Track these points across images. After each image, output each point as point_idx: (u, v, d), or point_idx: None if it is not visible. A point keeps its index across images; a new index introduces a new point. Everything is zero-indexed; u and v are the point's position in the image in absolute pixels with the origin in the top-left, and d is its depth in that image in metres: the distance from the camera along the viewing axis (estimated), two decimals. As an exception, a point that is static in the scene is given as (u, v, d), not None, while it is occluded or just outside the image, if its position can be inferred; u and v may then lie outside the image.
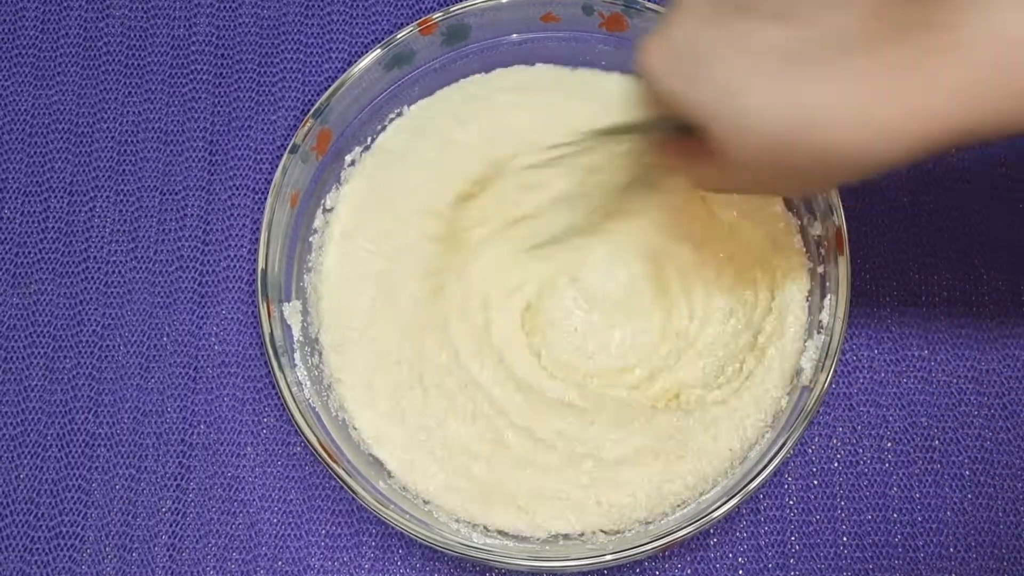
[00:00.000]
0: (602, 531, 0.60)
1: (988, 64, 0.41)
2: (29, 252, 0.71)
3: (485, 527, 0.61)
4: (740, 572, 0.64)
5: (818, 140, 0.43)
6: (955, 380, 0.67)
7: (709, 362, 0.64)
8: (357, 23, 0.74)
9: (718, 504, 0.56)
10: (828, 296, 0.60)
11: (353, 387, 0.64)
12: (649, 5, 0.63)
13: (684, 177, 0.55)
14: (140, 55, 0.74)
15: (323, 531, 0.66)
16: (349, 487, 0.57)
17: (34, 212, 0.71)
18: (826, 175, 0.47)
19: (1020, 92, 0.41)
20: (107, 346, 0.69)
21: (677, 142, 0.53)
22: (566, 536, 0.60)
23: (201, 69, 0.74)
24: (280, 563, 0.65)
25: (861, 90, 0.42)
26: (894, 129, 0.42)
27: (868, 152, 0.43)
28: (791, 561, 0.64)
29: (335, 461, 0.58)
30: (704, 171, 0.51)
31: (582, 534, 0.60)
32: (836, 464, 0.66)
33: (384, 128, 0.68)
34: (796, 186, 0.51)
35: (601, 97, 0.68)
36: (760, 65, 0.43)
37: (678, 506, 0.60)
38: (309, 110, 0.63)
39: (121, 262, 0.70)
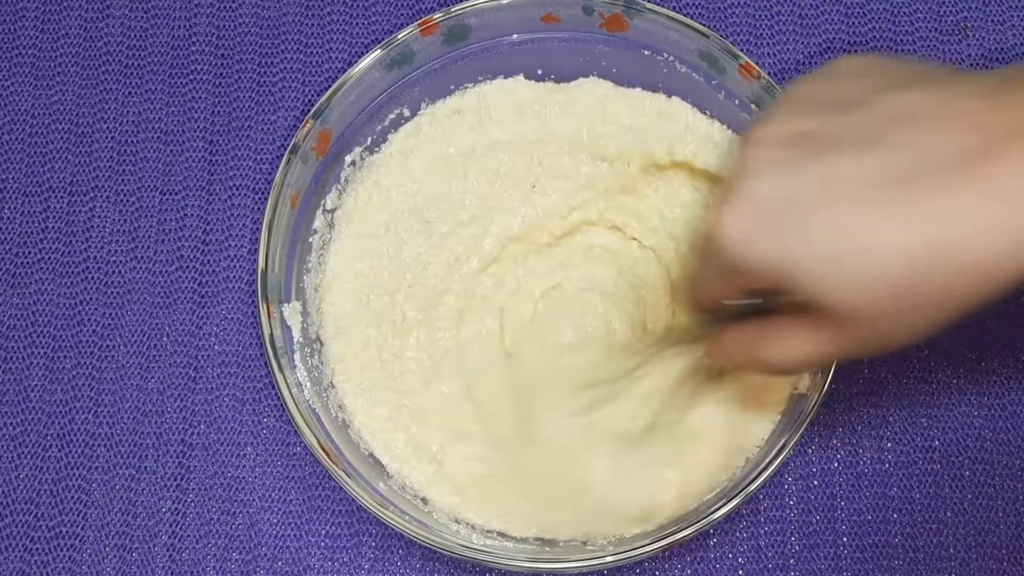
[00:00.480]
0: (601, 532, 0.60)
1: None
2: (29, 252, 0.71)
3: (485, 528, 0.61)
4: (740, 573, 0.64)
5: (955, 263, 0.38)
6: (956, 380, 0.67)
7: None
8: (357, 23, 0.74)
9: (718, 505, 0.56)
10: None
11: (353, 388, 0.64)
12: (649, 6, 0.63)
13: (757, 366, 0.48)
14: (140, 55, 0.74)
15: (323, 531, 0.66)
16: (348, 488, 0.57)
17: (34, 212, 0.71)
18: (962, 303, 0.41)
19: None
20: (107, 346, 0.69)
21: (741, 330, 0.48)
22: (566, 537, 0.60)
23: (201, 69, 0.74)
24: (280, 563, 0.65)
25: (994, 201, 0.38)
26: None
27: (1010, 259, 0.38)
28: (791, 562, 0.64)
29: (335, 462, 0.58)
30: (791, 348, 0.45)
31: (582, 536, 0.60)
32: (836, 464, 0.66)
33: (389, 129, 0.68)
34: (920, 330, 0.42)
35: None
36: (866, 199, 0.39)
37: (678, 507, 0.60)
38: (309, 110, 0.63)
39: (121, 262, 0.70)
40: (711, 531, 0.65)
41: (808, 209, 0.40)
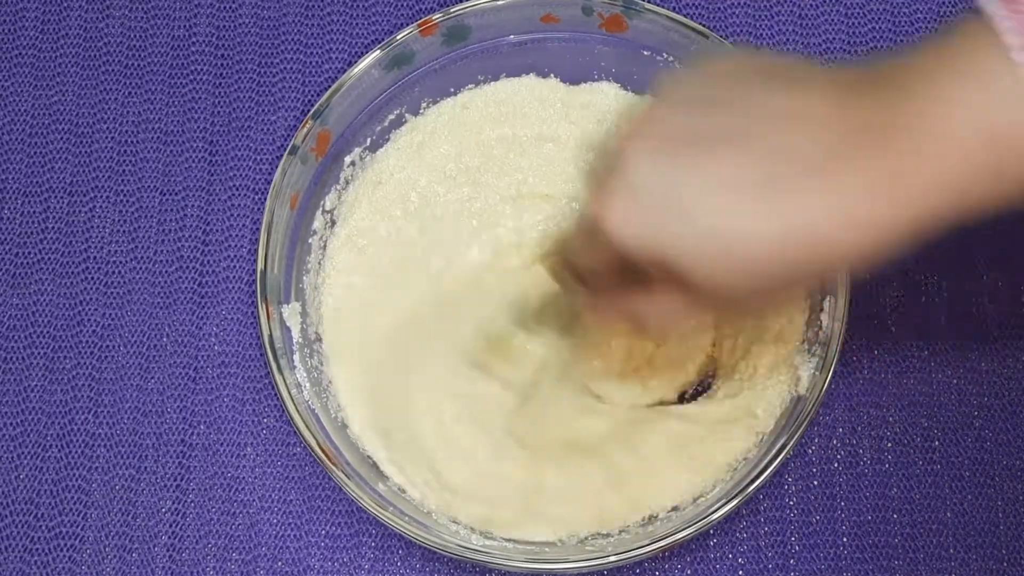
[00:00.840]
0: (601, 533, 0.60)
1: (973, 151, 0.41)
2: (29, 252, 0.71)
3: (484, 529, 0.61)
4: (740, 573, 0.64)
5: (810, 244, 0.43)
6: (955, 380, 0.67)
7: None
8: (357, 24, 0.74)
9: (718, 505, 0.56)
10: (828, 297, 0.60)
11: (352, 389, 0.64)
12: (648, 6, 0.63)
13: (629, 322, 0.53)
14: (140, 55, 0.74)
15: (323, 532, 0.66)
16: (348, 489, 0.57)
17: (34, 212, 0.71)
18: (810, 277, 0.49)
19: (994, 172, 0.41)
20: (107, 346, 0.69)
21: (612, 293, 0.53)
22: (565, 538, 0.60)
23: (201, 70, 0.74)
24: (279, 564, 0.65)
25: (842, 197, 0.42)
26: (881, 225, 0.42)
27: (858, 249, 0.43)
28: (791, 562, 0.64)
29: (334, 463, 0.58)
30: (659, 308, 0.50)
31: (582, 537, 0.60)
32: (836, 465, 0.66)
33: (388, 130, 0.68)
34: (774, 299, 0.52)
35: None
36: (737, 194, 0.43)
37: (677, 509, 0.60)
38: (309, 111, 0.63)
39: (121, 262, 0.70)
40: (711, 531, 0.65)
41: (686, 202, 0.44)
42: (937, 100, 0.41)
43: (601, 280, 0.53)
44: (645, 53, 0.65)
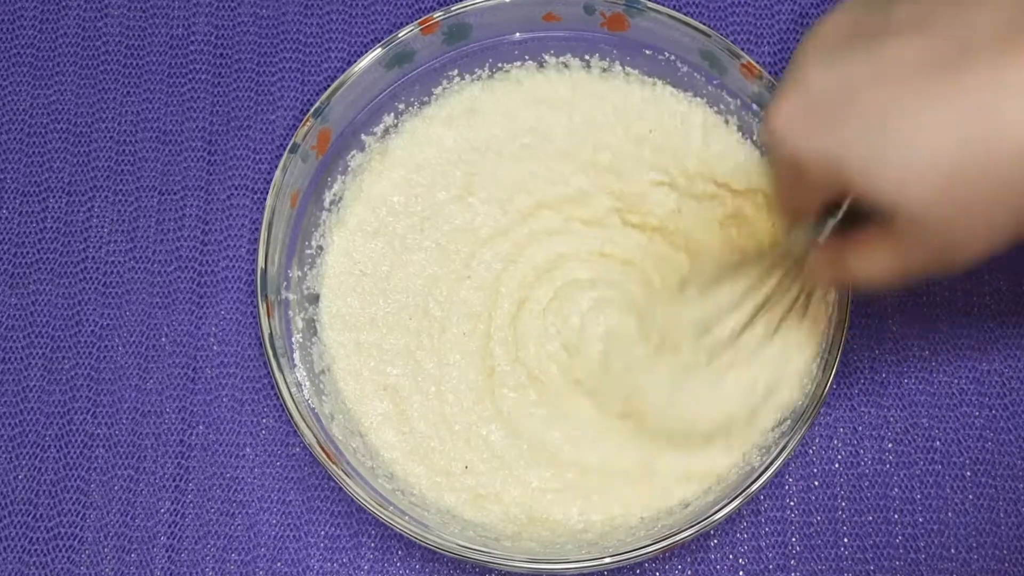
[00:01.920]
0: (601, 534, 0.60)
1: None
2: (27, 252, 0.71)
3: (484, 530, 0.61)
4: (741, 574, 0.64)
5: (1010, 145, 0.36)
6: (956, 381, 0.67)
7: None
8: (357, 22, 0.74)
9: (719, 506, 0.56)
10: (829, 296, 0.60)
11: (352, 388, 0.64)
12: (651, 5, 0.63)
13: (845, 280, 0.48)
14: (138, 55, 0.74)
15: (322, 532, 0.65)
16: (348, 488, 0.57)
17: (32, 212, 0.71)
18: (1018, 201, 0.38)
19: None
20: (105, 347, 0.69)
21: (830, 246, 0.47)
22: (565, 539, 0.60)
23: (200, 68, 0.73)
24: (279, 564, 0.65)
25: None
26: None
27: None
28: (792, 563, 0.64)
29: (334, 462, 0.57)
30: (872, 261, 0.44)
31: (582, 536, 0.60)
32: (837, 465, 0.66)
33: (389, 128, 0.68)
34: (990, 231, 0.39)
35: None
36: (912, 84, 0.38)
37: (678, 510, 0.60)
38: (309, 109, 0.63)
39: (120, 262, 0.70)
40: (712, 532, 0.65)
41: (855, 95, 0.39)
42: None
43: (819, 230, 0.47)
44: (647, 52, 0.65)
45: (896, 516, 0.65)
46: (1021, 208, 0.38)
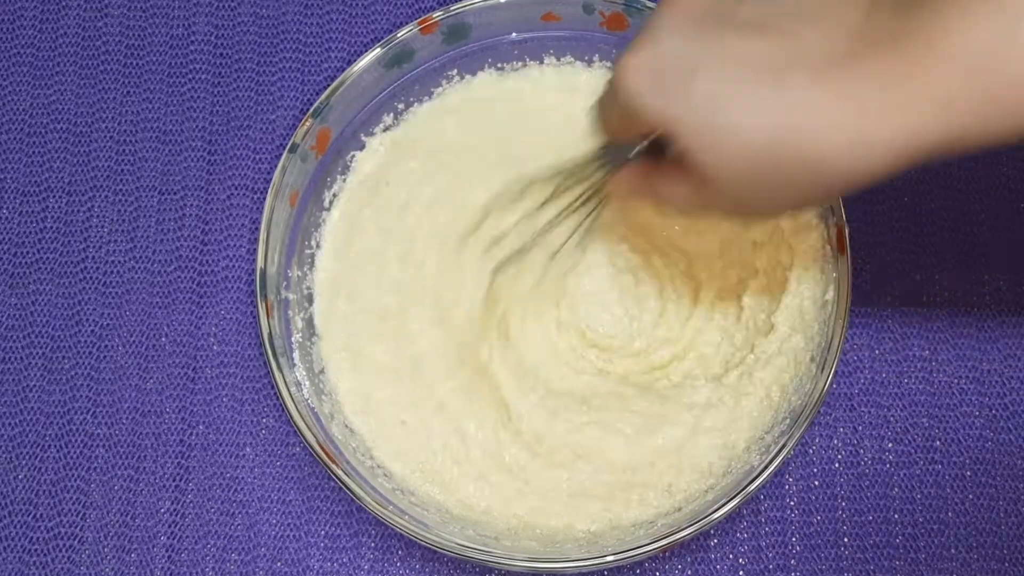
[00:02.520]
0: (601, 534, 0.60)
1: (966, 74, 0.41)
2: (27, 252, 0.71)
3: (484, 529, 0.60)
4: (741, 573, 0.64)
5: (803, 152, 0.43)
6: (956, 380, 0.67)
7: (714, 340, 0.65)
8: (356, 22, 0.74)
9: (719, 505, 0.56)
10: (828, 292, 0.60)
11: (352, 387, 0.64)
12: (650, 5, 0.63)
13: (652, 199, 0.54)
14: (138, 55, 0.74)
15: (322, 532, 0.65)
16: (348, 488, 0.57)
17: (32, 212, 0.71)
18: (808, 191, 0.46)
19: (998, 100, 0.41)
20: (105, 346, 0.69)
21: (640, 166, 0.53)
22: (565, 539, 0.60)
23: (200, 68, 0.73)
24: (279, 564, 0.65)
25: (846, 102, 0.42)
26: (880, 141, 0.42)
27: (853, 163, 0.43)
28: (792, 562, 0.64)
29: (334, 462, 0.57)
30: (676, 191, 0.50)
31: (581, 537, 0.60)
32: (837, 465, 0.66)
33: (388, 127, 0.68)
34: (774, 205, 0.49)
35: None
36: (744, 77, 0.43)
37: (677, 510, 0.60)
38: (308, 109, 0.63)
39: (120, 262, 0.70)
40: (712, 531, 0.65)
41: (695, 75, 0.44)
42: (949, 17, 0.41)
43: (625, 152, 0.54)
44: (646, 51, 0.65)
45: (896, 516, 0.65)
46: (799, 192, 0.46)
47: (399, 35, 0.64)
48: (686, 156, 0.46)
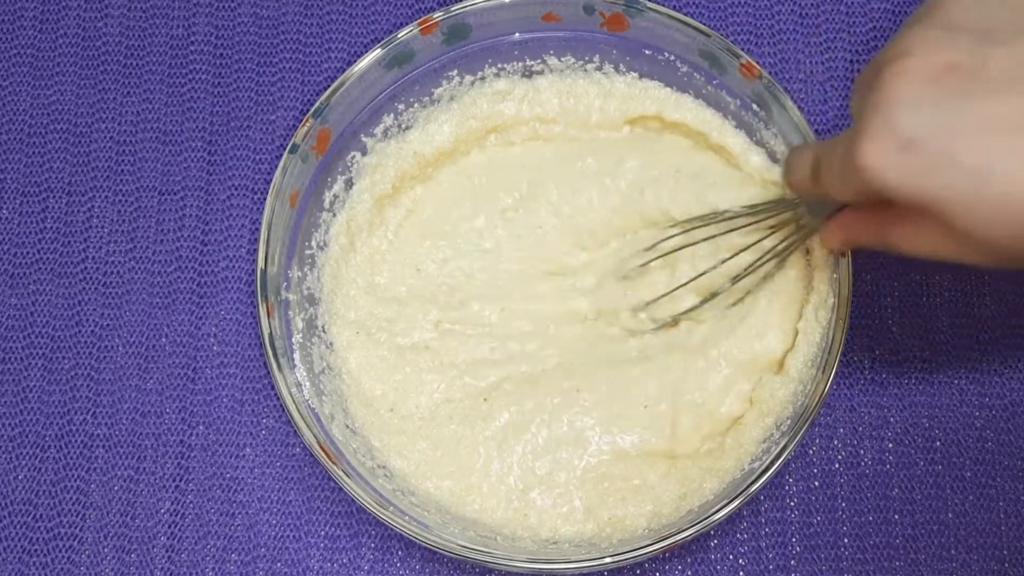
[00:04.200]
0: (601, 535, 0.60)
1: None
2: (27, 252, 0.71)
3: (484, 529, 0.60)
4: (741, 574, 0.64)
5: None
6: (956, 381, 0.67)
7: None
8: (357, 22, 0.74)
9: (719, 506, 0.56)
10: (829, 297, 0.60)
11: (352, 387, 0.64)
12: (650, 5, 0.63)
13: (878, 246, 0.51)
14: (139, 55, 0.74)
15: (322, 532, 0.65)
16: (348, 488, 0.57)
17: (32, 212, 0.71)
18: None
19: None
20: (105, 347, 0.69)
21: (859, 214, 0.52)
22: (565, 538, 0.60)
23: (200, 69, 0.73)
24: (279, 564, 0.65)
25: None
26: None
27: None
28: (792, 563, 0.64)
29: (334, 462, 0.57)
30: (917, 242, 0.47)
31: (582, 536, 0.60)
32: (837, 465, 0.66)
33: (389, 128, 0.68)
34: None
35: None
36: (1010, 145, 0.41)
37: (679, 512, 0.60)
38: (308, 110, 0.63)
39: (120, 262, 0.70)
40: (712, 532, 0.65)
41: (955, 152, 0.41)
42: None
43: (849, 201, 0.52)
44: (647, 52, 0.65)
45: (896, 516, 0.65)
46: None
47: (399, 36, 0.64)
48: (955, 226, 0.43)
